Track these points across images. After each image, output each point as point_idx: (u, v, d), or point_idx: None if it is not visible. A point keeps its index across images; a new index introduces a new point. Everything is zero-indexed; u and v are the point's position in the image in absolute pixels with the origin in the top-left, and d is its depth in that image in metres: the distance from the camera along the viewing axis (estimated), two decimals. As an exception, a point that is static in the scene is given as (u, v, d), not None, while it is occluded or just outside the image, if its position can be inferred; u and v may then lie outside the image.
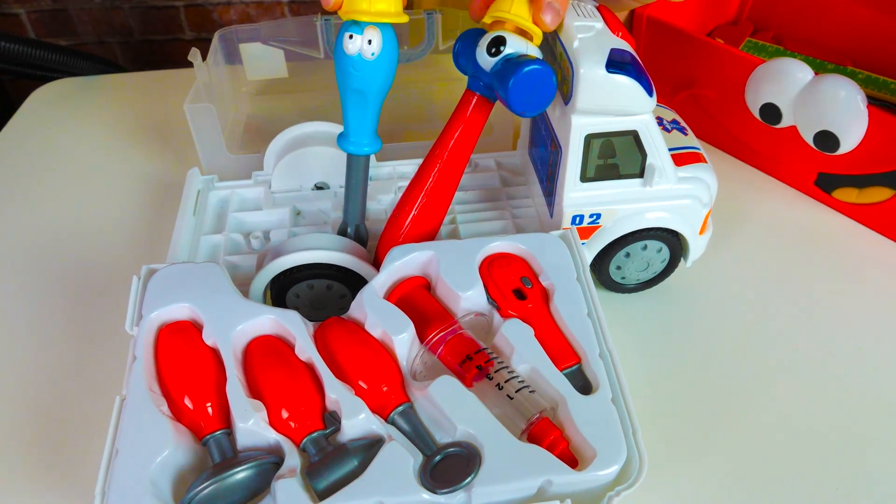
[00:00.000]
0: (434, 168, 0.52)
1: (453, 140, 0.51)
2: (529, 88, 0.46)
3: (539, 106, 0.47)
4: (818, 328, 0.57)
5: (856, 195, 0.65)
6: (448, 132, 0.51)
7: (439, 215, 0.53)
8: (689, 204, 0.54)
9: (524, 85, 0.46)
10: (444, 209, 0.53)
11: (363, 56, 0.47)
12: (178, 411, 0.42)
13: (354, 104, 0.50)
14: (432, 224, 0.53)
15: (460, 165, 0.52)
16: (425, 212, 0.52)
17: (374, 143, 0.53)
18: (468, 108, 0.51)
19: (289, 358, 0.44)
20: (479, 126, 0.51)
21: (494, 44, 0.47)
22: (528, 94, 0.46)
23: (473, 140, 0.52)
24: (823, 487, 0.47)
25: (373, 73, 0.48)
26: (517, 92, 0.46)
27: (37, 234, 0.66)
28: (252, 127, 0.77)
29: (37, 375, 0.53)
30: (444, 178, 0.52)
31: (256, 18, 1.31)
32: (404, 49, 0.80)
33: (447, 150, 0.51)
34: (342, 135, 0.53)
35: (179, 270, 0.48)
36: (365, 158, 0.53)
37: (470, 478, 0.38)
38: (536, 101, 0.47)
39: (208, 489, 0.38)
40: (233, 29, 0.74)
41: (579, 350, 0.45)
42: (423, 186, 0.52)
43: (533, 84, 0.46)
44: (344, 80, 0.49)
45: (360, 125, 0.51)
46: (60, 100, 0.85)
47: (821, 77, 0.59)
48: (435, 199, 0.52)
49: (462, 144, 0.51)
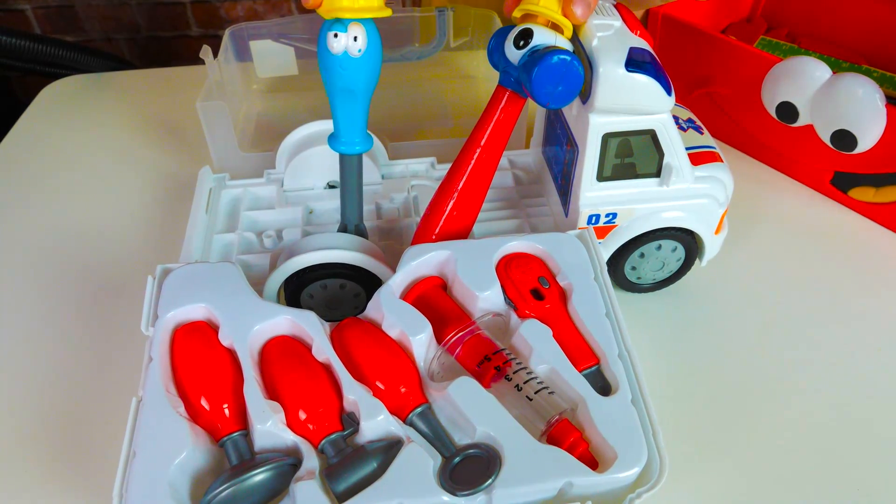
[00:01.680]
0: (468, 166, 0.51)
1: (485, 137, 0.50)
2: (554, 79, 0.45)
3: (565, 98, 0.47)
4: (836, 328, 0.57)
5: (872, 194, 0.65)
6: (480, 129, 0.51)
7: (473, 213, 0.53)
8: (705, 203, 0.53)
9: (548, 75, 0.45)
10: (477, 206, 0.53)
11: (349, 54, 0.47)
12: (194, 413, 0.42)
13: (344, 104, 0.50)
14: (466, 222, 0.52)
15: (493, 162, 0.52)
16: (459, 210, 0.52)
17: (366, 141, 0.52)
18: (499, 103, 0.50)
19: (306, 359, 0.44)
20: (512, 122, 0.51)
21: (522, 36, 0.46)
22: (553, 84, 0.46)
23: (506, 136, 0.51)
24: (845, 487, 0.47)
25: (360, 70, 0.48)
26: (541, 82, 0.45)
27: (48, 232, 0.66)
28: (262, 125, 0.77)
29: (52, 377, 0.53)
30: (477, 175, 0.51)
31: (263, 15, 1.31)
32: (415, 47, 0.80)
33: (479, 146, 0.51)
34: (333, 135, 0.52)
35: (195, 270, 0.47)
36: (358, 157, 0.53)
37: (491, 479, 0.38)
38: (562, 92, 0.46)
39: (226, 492, 0.38)
40: (243, 26, 0.73)
41: (598, 351, 0.45)
42: (457, 184, 0.51)
43: (558, 74, 0.45)
44: (331, 81, 0.49)
45: (351, 124, 0.51)
46: (70, 97, 0.85)
47: (839, 76, 0.58)
48: (469, 196, 0.52)
49: (494, 141, 0.51)
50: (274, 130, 0.75)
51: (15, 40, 0.84)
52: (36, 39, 0.86)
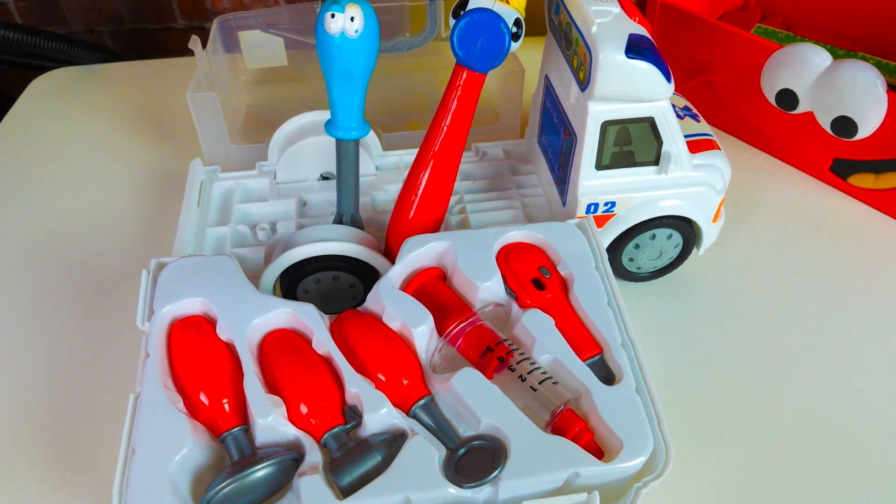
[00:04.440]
0: (431, 150, 0.50)
1: (447, 118, 0.50)
2: (472, 35, 0.46)
3: (487, 57, 0.47)
4: (836, 314, 0.57)
5: (872, 181, 0.65)
6: (441, 112, 0.50)
7: (444, 198, 0.52)
8: (703, 191, 0.53)
9: (466, 32, 0.45)
10: (448, 190, 0.52)
11: (346, 34, 0.47)
12: (193, 408, 0.41)
13: (341, 87, 0.50)
14: (438, 208, 0.52)
15: (459, 144, 0.51)
16: (429, 195, 0.51)
17: (363, 126, 0.52)
18: (456, 82, 0.49)
19: (306, 352, 0.43)
20: (472, 101, 0.50)
21: (459, 6, 0.47)
22: (472, 42, 0.46)
23: (468, 116, 0.50)
24: (851, 472, 0.47)
25: (357, 52, 0.48)
26: (462, 41, 0.46)
27: (39, 227, 0.65)
28: (251, 116, 0.76)
29: (46, 374, 0.52)
30: (443, 158, 0.51)
31: (250, 6, 1.29)
32: (406, 37, 0.79)
33: (441, 130, 0.50)
34: (329, 121, 0.52)
35: (190, 264, 0.46)
36: (354, 143, 0.53)
37: (497, 471, 0.37)
38: (482, 48, 0.46)
39: (228, 488, 0.37)
40: (231, 16, 0.72)
41: (601, 340, 0.45)
42: (424, 170, 0.51)
43: (474, 30, 0.45)
44: (329, 63, 0.49)
45: (348, 109, 0.51)
46: (59, 90, 0.84)
47: (839, 62, 0.58)
48: (437, 181, 0.51)
49: (457, 122, 0.50)
50: (263, 122, 0.74)
51: (2, 32, 0.83)
52: (23, 31, 0.85)
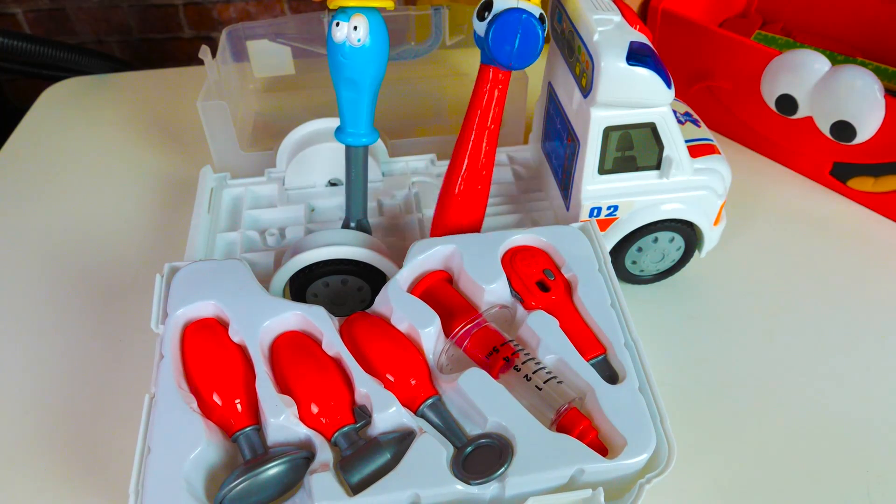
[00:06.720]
0: (467, 148, 0.52)
1: (478, 116, 0.51)
2: (509, 35, 0.46)
3: (524, 56, 0.47)
4: (836, 316, 0.58)
5: (871, 184, 0.66)
6: (472, 109, 0.51)
7: (484, 192, 0.53)
8: (704, 195, 0.54)
9: (502, 32, 0.46)
10: (487, 183, 0.53)
11: (350, 43, 0.48)
12: (206, 408, 0.42)
13: (348, 94, 0.51)
14: (479, 203, 0.53)
15: (493, 140, 0.52)
16: (469, 190, 0.52)
17: (372, 133, 0.53)
18: (486, 81, 0.50)
19: (316, 353, 0.44)
20: (501, 96, 0.51)
21: (484, 8, 0.47)
22: (509, 42, 0.47)
23: (499, 111, 0.51)
24: (853, 470, 0.47)
25: (361, 61, 0.49)
26: (498, 42, 0.46)
27: (54, 234, 0.66)
28: (260, 124, 0.77)
29: (63, 377, 0.53)
30: (489, 157, 0.52)
31: (256, 16, 1.31)
32: (411, 45, 0.80)
33: (474, 126, 0.51)
34: (339, 128, 0.53)
35: (202, 268, 0.47)
36: (364, 150, 0.54)
37: (504, 468, 0.38)
38: (521, 48, 0.47)
39: (241, 486, 0.38)
40: (240, 26, 0.74)
41: (604, 340, 0.45)
42: (461, 167, 0.52)
43: (511, 30, 0.46)
44: (336, 70, 0.50)
45: (356, 115, 0.52)
46: (70, 99, 0.85)
47: (838, 68, 0.59)
48: (476, 176, 0.52)
49: (490, 118, 0.51)
50: (271, 130, 0.75)
51: (13, 42, 0.84)
52: (34, 41, 0.86)
